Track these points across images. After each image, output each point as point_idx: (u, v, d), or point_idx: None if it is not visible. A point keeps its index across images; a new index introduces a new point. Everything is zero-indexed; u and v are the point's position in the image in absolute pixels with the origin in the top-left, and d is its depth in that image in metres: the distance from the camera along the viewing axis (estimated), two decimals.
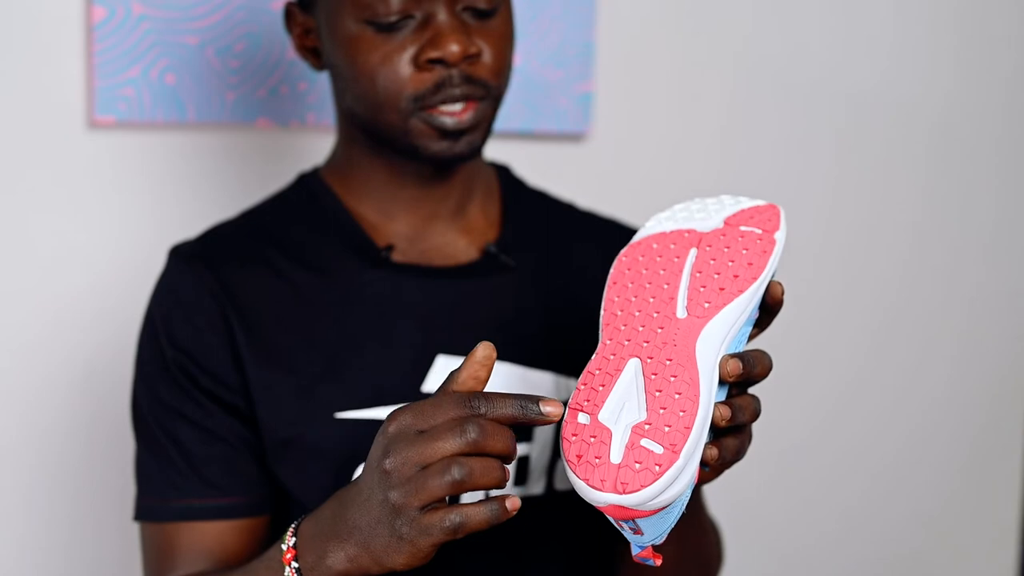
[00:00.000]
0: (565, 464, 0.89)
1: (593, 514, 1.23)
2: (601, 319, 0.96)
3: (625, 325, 0.93)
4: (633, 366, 0.90)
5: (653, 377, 0.89)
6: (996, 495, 2.24)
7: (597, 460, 0.87)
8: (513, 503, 0.90)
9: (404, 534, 0.90)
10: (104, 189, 1.53)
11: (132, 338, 1.33)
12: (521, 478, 1.19)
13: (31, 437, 1.52)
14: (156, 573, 1.17)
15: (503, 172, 1.32)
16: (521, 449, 1.19)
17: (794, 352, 1.94)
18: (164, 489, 1.16)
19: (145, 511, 1.18)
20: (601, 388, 0.90)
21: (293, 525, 1.01)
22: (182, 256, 1.21)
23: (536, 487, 1.20)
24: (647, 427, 0.87)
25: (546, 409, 0.89)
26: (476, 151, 1.17)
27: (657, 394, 0.88)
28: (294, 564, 0.98)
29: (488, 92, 1.15)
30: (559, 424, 1.21)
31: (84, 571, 1.56)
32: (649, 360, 0.90)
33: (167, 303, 1.19)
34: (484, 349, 0.93)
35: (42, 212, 1.50)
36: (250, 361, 1.16)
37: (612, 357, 0.92)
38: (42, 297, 1.51)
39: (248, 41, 1.54)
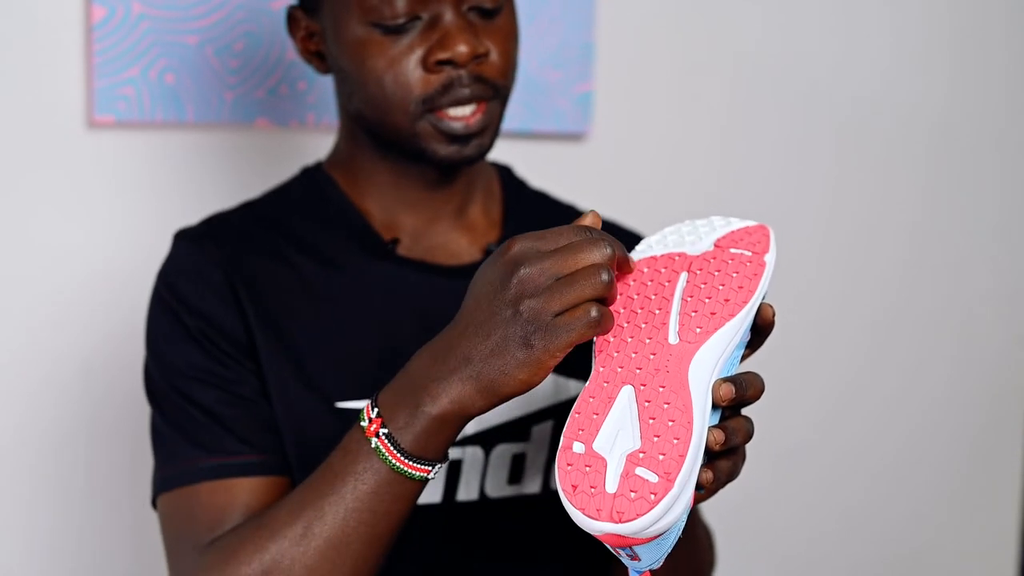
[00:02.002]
0: (561, 493, 0.88)
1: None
2: (594, 345, 0.95)
3: (618, 352, 0.93)
4: (627, 393, 0.90)
5: (647, 404, 0.89)
6: (996, 495, 2.24)
7: (592, 490, 0.87)
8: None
9: (535, 343, 0.90)
10: (103, 189, 1.53)
11: (131, 336, 1.34)
12: (517, 477, 1.20)
13: (32, 436, 1.52)
14: (190, 538, 1.10)
15: (505, 173, 1.33)
16: (517, 448, 1.19)
17: (794, 353, 1.94)
18: (191, 453, 1.13)
19: (170, 480, 1.13)
20: (595, 417, 0.90)
21: (368, 402, 0.99)
22: (189, 236, 1.21)
23: (532, 486, 1.20)
24: (642, 455, 0.87)
25: (631, 262, 0.97)
26: (485, 154, 1.18)
27: (651, 421, 0.88)
28: (382, 431, 0.97)
29: (496, 92, 1.16)
30: (556, 427, 1.21)
31: (86, 567, 1.56)
32: (642, 387, 0.90)
33: (177, 277, 1.18)
34: (592, 216, 0.97)
35: (41, 211, 1.50)
36: (259, 338, 1.15)
37: (606, 385, 0.92)
38: (41, 296, 1.51)
39: (248, 41, 1.54)
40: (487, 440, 1.18)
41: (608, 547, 0.91)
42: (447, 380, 0.94)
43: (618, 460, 0.87)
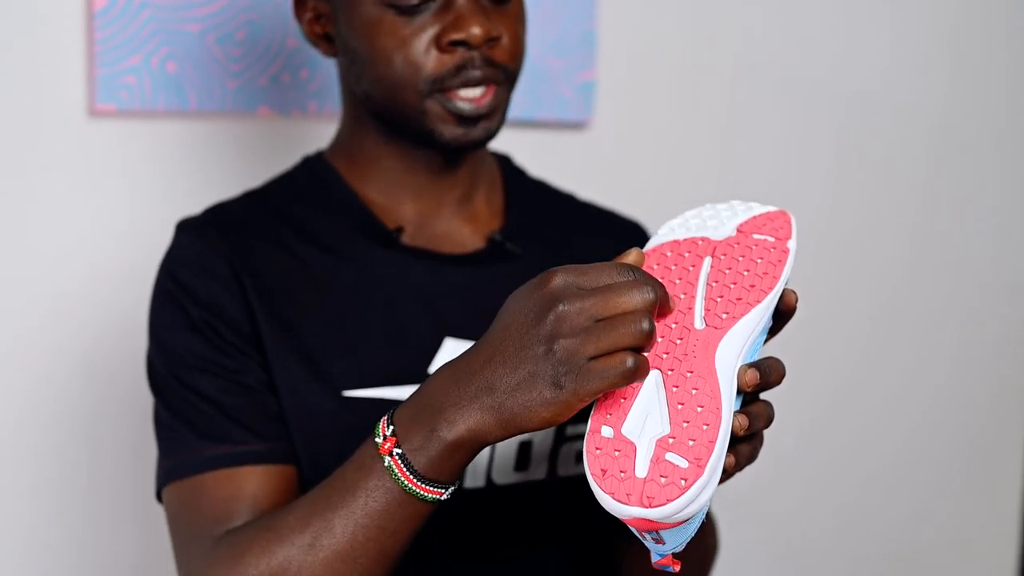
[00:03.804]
0: (590, 477, 0.88)
1: (594, 500, 1.23)
2: None
3: None
4: (654, 378, 0.90)
5: (675, 389, 0.89)
6: (996, 494, 2.24)
7: (622, 474, 0.87)
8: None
9: (565, 385, 0.87)
10: (105, 178, 1.53)
11: (134, 326, 1.33)
12: (523, 463, 1.19)
13: (33, 429, 1.52)
14: (198, 529, 1.10)
15: (504, 162, 1.33)
16: (524, 435, 1.19)
17: (794, 350, 1.93)
18: (196, 443, 1.12)
19: (175, 470, 1.13)
20: (623, 401, 0.89)
21: (384, 417, 0.97)
22: (191, 226, 1.21)
23: (538, 472, 1.20)
24: (671, 441, 0.87)
25: (671, 303, 0.92)
26: (491, 137, 1.18)
27: (679, 407, 0.88)
28: (396, 451, 0.94)
29: (507, 75, 1.16)
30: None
31: (89, 562, 1.56)
32: (670, 372, 0.90)
33: (181, 267, 1.18)
34: (635, 255, 0.95)
35: (42, 201, 1.50)
36: (264, 327, 1.15)
37: None
38: (42, 286, 1.51)
39: (249, 29, 1.54)
40: None
41: (633, 530, 0.90)
42: (467, 407, 0.92)
43: (647, 445, 0.87)
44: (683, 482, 0.85)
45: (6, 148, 1.48)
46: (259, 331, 1.15)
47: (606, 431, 0.89)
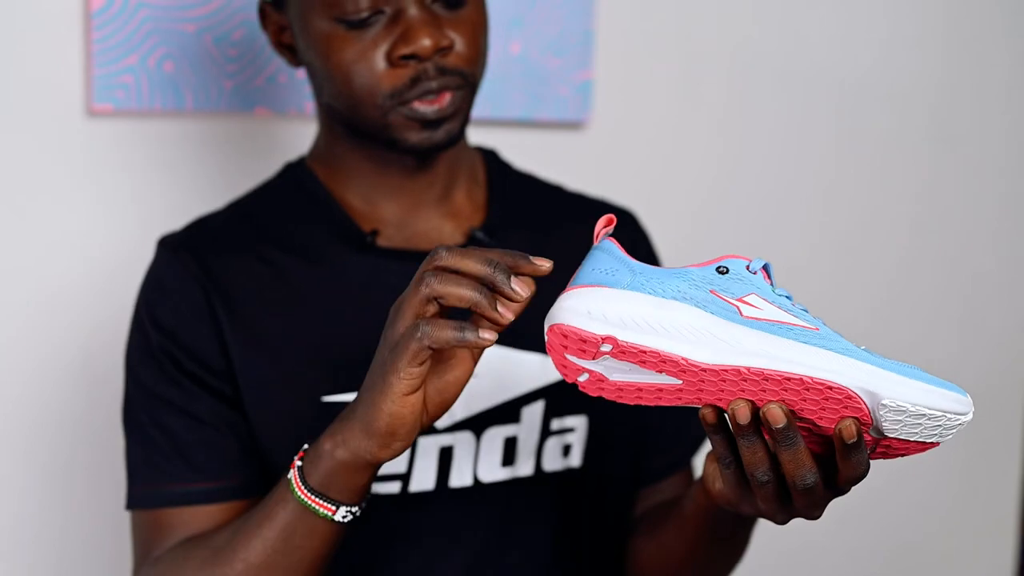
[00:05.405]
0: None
1: (581, 495, 1.23)
2: (748, 370, 0.91)
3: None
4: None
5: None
6: (996, 494, 2.23)
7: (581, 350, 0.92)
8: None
9: (386, 363, 0.93)
10: (102, 177, 1.53)
11: (127, 326, 1.33)
12: (509, 459, 1.20)
13: (25, 424, 1.52)
14: (145, 555, 1.17)
15: (489, 156, 1.33)
16: (508, 431, 1.20)
17: None
18: (152, 475, 1.17)
19: (135, 499, 1.19)
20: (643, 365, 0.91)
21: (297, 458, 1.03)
22: (168, 245, 1.22)
23: (525, 468, 1.21)
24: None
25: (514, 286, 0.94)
26: (455, 139, 1.18)
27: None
28: (299, 463, 1.02)
29: (464, 80, 1.16)
30: (546, 408, 1.21)
31: (78, 558, 1.56)
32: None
33: (153, 291, 1.20)
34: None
35: (40, 200, 1.50)
36: (236, 347, 1.16)
37: (695, 394, 0.93)
38: (39, 284, 1.51)
39: (246, 29, 1.54)
40: (477, 424, 1.19)
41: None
42: (345, 423, 0.98)
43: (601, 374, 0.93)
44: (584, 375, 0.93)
45: (4, 147, 1.48)
46: (230, 355, 1.17)
47: (606, 347, 0.91)
